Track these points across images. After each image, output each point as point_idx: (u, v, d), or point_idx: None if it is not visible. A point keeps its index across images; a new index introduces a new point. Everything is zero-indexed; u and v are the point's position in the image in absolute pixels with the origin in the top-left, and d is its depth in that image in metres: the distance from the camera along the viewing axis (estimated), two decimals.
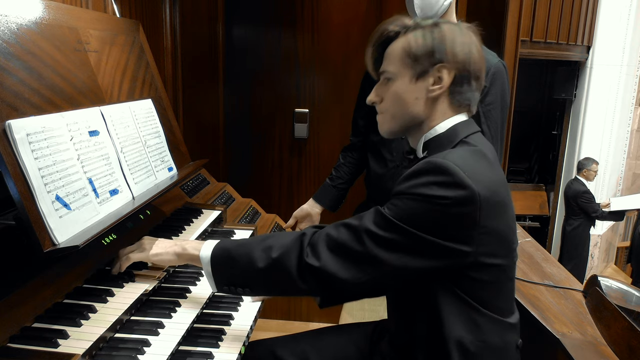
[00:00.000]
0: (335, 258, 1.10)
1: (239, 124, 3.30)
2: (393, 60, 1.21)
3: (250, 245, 1.19)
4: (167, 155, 1.81)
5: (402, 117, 1.22)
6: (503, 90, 1.90)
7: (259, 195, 2.70)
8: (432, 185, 1.05)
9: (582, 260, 5.95)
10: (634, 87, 6.77)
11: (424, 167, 1.08)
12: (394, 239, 1.07)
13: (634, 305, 1.76)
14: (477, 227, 1.05)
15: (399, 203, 1.08)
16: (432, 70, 1.17)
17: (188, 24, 2.58)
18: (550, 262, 2.27)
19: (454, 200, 1.03)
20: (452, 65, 1.16)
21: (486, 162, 1.14)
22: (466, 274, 1.10)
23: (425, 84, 1.18)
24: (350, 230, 1.11)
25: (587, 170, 5.82)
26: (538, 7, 4.92)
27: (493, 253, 1.10)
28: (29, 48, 1.25)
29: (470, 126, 1.22)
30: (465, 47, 1.17)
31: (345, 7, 3.10)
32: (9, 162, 1.07)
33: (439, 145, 1.19)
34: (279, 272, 1.14)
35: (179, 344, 1.17)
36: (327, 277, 1.10)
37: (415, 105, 1.20)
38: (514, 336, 1.21)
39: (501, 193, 1.11)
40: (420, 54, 1.17)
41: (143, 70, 1.85)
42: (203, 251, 1.22)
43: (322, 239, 1.12)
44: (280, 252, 1.14)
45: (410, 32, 1.19)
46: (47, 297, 1.14)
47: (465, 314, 1.12)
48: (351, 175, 2.21)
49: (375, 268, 1.09)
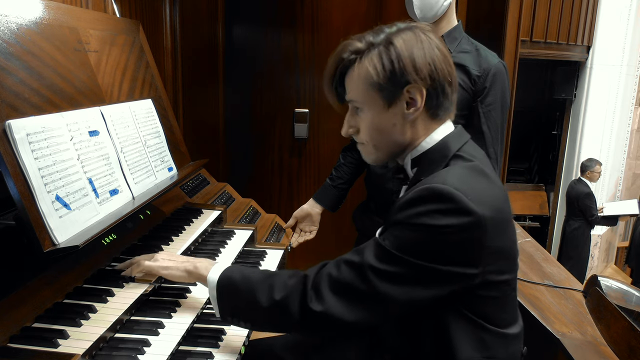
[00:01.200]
0: (340, 301, 1.05)
1: (239, 124, 3.30)
2: (357, 91, 1.14)
3: (254, 281, 1.14)
4: (167, 155, 1.81)
5: (386, 146, 1.17)
6: (503, 90, 1.90)
7: (259, 195, 2.70)
8: (434, 214, 0.99)
9: (582, 261, 5.95)
10: (634, 87, 6.76)
11: (423, 194, 1.02)
12: (398, 272, 1.02)
13: (634, 305, 1.76)
14: (484, 249, 1.02)
15: (400, 234, 1.03)
16: (402, 93, 1.10)
17: (188, 24, 2.58)
18: (550, 262, 2.27)
19: (459, 227, 0.99)
20: (419, 82, 1.09)
21: (485, 178, 1.10)
22: (474, 293, 1.07)
23: (399, 108, 1.12)
24: (352, 268, 1.05)
25: (590, 171, 5.81)
26: (538, 7, 4.92)
27: (500, 270, 1.07)
28: (29, 48, 1.25)
29: (461, 136, 1.18)
30: (427, 56, 1.09)
31: (345, 7, 3.10)
32: (9, 162, 1.08)
33: (430, 162, 1.14)
34: (281, 315, 1.10)
35: (179, 344, 1.17)
36: (332, 322, 1.05)
37: (395, 132, 1.14)
38: (518, 346, 1.20)
39: (504, 210, 1.08)
40: (383, 82, 1.10)
41: (143, 70, 1.85)
42: (211, 274, 1.18)
43: (324, 281, 1.07)
44: (283, 294, 1.09)
45: (365, 57, 1.11)
46: (47, 297, 1.14)
47: (473, 333, 1.09)
48: (351, 176, 2.21)
49: (382, 306, 1.05)
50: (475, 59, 1.89)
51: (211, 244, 1.72)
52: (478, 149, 1.20)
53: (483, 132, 1.88)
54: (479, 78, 1.86)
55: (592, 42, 6.03)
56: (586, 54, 6.11)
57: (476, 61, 1.88)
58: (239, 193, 2.37)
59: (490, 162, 1.88)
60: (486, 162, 1.18)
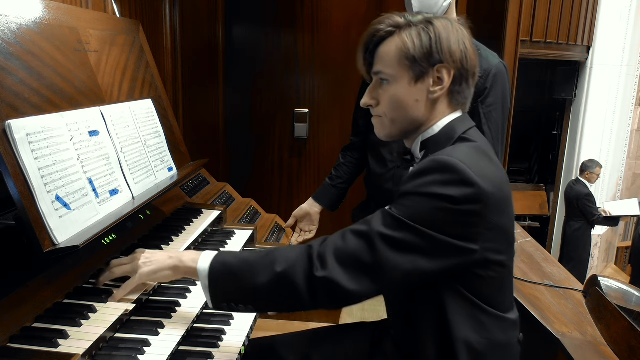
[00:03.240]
0: (346, 269, 1.05)
1: (239, 124, 3.30)
2: (389, 62, 1.17)
3: (252, 259, 1.14)
4: (167, 155, 1.81)
5: (403, 121, 1.20)
6: (504, 91, 1.89)
7: (259, 195, 2.70)
8: (440, 184, 1.04)
9: (582, 261, 5.94)
10: (634, 87, 6.76)
11: (430, 165, 1.07)
12: (406, 239, 1.04)
13: (634, 305, 1.76)
14: (484, 224, 1.05)
15: (408, 203, 1.06)
16: (431, 71, 1.15)
17: (188, 24, 2.58)
18: (550, 262, 2.27)
19: (463, 198, 1.02)
20: (450, 64, 1.14)
21: (488, 158, 1.14)
22: (472, 272, 1.10)
23: (426, 85, 1.16)
24: (359, 238, 1.07)
25: (590, 172, 5.81)
26: (538, 7, 4.92)
27: (498, 249, 1.10)
28: (29, 48, 1.25)
29: (466, 122, 1.22)
30: (461, 43, 1.15)
31: (345, 7, 3.10)
32: (9, 162, 1.07)
33: (437, 144, 1.18)
34: (284, 287, 1.08)
35: (178, 344, 1.17)
36: (338, 291, 1.05)
37: (416, 108, 1.18)
38: (515, 331, 1.22)
39: (505, 189, 1.11)
40: (418, 56, 1.14)
41: (143, 70, 1.85)
42: (201, 263, 1.15)
43: (330, 251, 1.07)
44: (286, 265, 1.08)
45: (403, 32, 1.15)
46: (47, 297, 1.14)
47: (470, 313, 1.12)
48: (351, 175, 2.21)
49: (388, 275, 1.06)
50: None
51: (211, 244, 1.72)
52: (481, 136, 1.24)
53: (484, 132, 1.88)
54: (479, 79, 1.85)
55: (592, 42, 6.03)
56: (586, 54, 6.11)
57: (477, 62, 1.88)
58: (239, 193, 2.37)
59: None
60: (489, 147, 1.21)
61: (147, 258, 1.24)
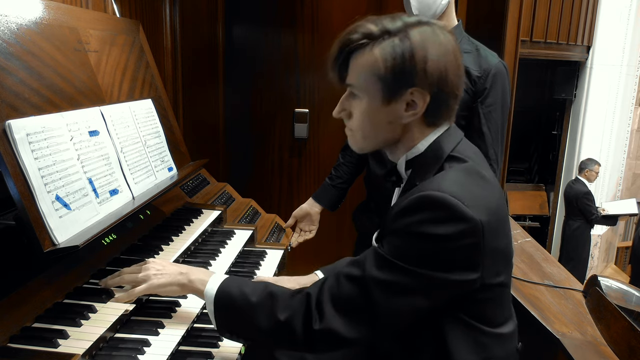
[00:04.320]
0: (343, 318, 1.03)
1: (239, 124, 3.30)
2: (360, 76, 1.08)
3: (254, 299, 1.10)
4: (167, 155, 1.81)
5: (375, 139, 1.14)
6: (504, 91, 1.89)
7: (259, 195, 2.70)
8: (431, 223, 0.98)
9: (582, 261, 5.95)
10: (634, 87, 6.76)
11: (419, 202, 1.00)
12: (401, 282, 1.00)
13: (634, 305, 1.76)
14: (482, 253, 1.02)
15: (399, 243, 1.02)
16: (404, 94, 1.06)
17: (188, 24, 2.58)
18: (550, 262, 2.27)
19: (457, 234, 0.98)
20: (425, 87, 1.04)
21: (481, 180, 1.08)
22: (472, 297, 1.07)
23: (398, 107, 1.07)
24: (353, 283, 1.04)
25: (588, 170, 5.82)
26: (538, 7, 4.92)
27: (496, 272, 1.07)
28: (29, 48, 1.25)
29: (454, 136, 1.14)
30: (441, 61, 1.04)
31: (345, 7, 3.10)
32: (9, 162, 1.07)
33: (424, 165, 1.12)
34: (285, 336, 1.08)
35: (179, 344, 1.17)
36: (336, 340, 1.04)
37: (388, 130, 1.11)
38: (513, 342, 1.20)
39: (500, 211, 1.07)
40: (388, 77, 1.04)
41: (143, 70, 1.85)
42: (208, 287, 1.15)
43: (327, 299, 1.05)
44: (287, 315, 1.06)
45: (376, 45, 1.05)
46: (47, 297, 1.14)
47: (470, 336, 1.09)
48: (351, 175, 2.21)
49: (385, 319, 1.04)
50: (475, 59, 1.88)
51: (211, 244, 1.72)
52: (472, 146, 1.18)
53: (483, 132, 1.88)
54: (479, 79, 1.86)
55: (592, 42, 6.03)
56: (586, 54, 6.11)
57: (476, 61, 1.88)
58: (239, 193, 2.37)
59: (491, 163, 1.89)
60: (480, 159, 1.16)
61: (158, 270, 1.23)
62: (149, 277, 1.21)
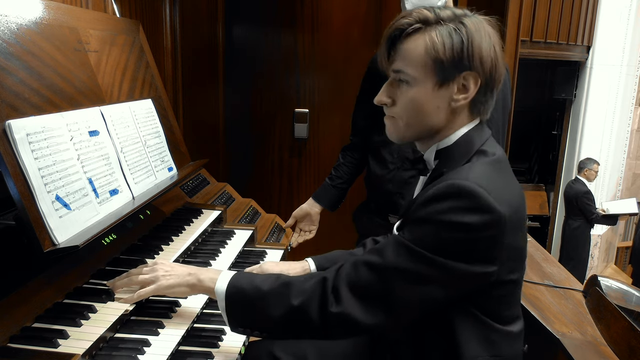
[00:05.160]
0: (360, 303, 1.03)
1: (239, 124, 3.30)
2: (413, 62, 1.07)
3: (265, 288, 1.10)
4: (167, 155, 1.81)
5: (419, 126, 1.12)
6: (504, 91, 1.90)
7: (259, 195, 2.70)
8: (457, 211, 0.98)
9: (582, 261, 5.95)
10: (634, 87, 6.76)
11: (447, 190, 1.00)
12: (422, 271, 1.00)
13: (634, 305, 1.76)
14: (502, 247, 1.02)
15: (423, 231, 1.01)
16: (458, 78, 1.06)
17: (188, 24, 2.58)
18: (550, 262, 2.27)
19: (482, 224, 0.98)
20: (480, 72, 1.06)
21: (506, 174, 1.09)
22: (486, 292, 1.07)
23: (449, 91, 1.07)
24: (373, 271, 1.03)
25: (588, 170, 5.83)
26: (538, 7, 4.91)
27: (511, 269, 1.08)
28: (29, 48, 1.25)
29: (484, 132, 1.15)
30: (492, 50, 1.07)
31: (345, 7, 3.10)
32: (9, 162, 1.07)
33: (452, 156, 1.11)
34: (299, 322, 1.07)
35: (178, 344, 1.17)
36: (353, 325, 1.04)
37: (435, 115, 1.10)
38: (520, 343, 1.20)
39: (521, 209, 1.08)
40: (446, 60, 1.04)
41: (143, 70, 1.85)
42: (219, 285, 1.14)
43: (343, 284, 1.04)
44: (301, 299, 1.06)
45: (432, 30, 1.05)
46: (47, 297, 1.14)
47: (480, 332, 1.09)
48: (351, 175, 2.21)
49: (403, 308, 1.04)
50: None
51: (211, 244, 1.72)
52: (498, 146, 1.18)
53: None
54: None
55: (592, 42, 6.03)
56: (586, 54, 6.11)
57: None
58: (239, 193, 2.37)
59: None
60: (505, 158, 1.16)
61: (166, 271, 1.22)
62: (157, 278, 1.21)
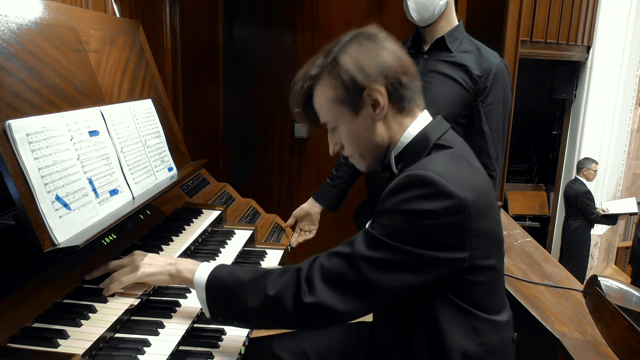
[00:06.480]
0: (333, 292, 1.07)
1: (239, 124, 3.30)
2: (327, 111, 1.20)
3: (245, 279, 1.14)
4: (167, 155, 1.81)
5: (370, 151, 1.21)
6: (505, 90, 1.89)
7: (259, 195, 2.70)
8: (417, 199, 1.03)
9: (582, 261, 5.95)
10: (634, 87, 6.76)
11: (405, 181, 1.06)
12: (388, 258, 1.05)
13: (634, 305, 1.76)
14: (468, 232, 1.05)
15: (387, 221, 1.06)
16: (364, 99, 1.14)
17: (188, 24, 2.58)
18: (550, 262, 2.27)
19: (442, 211, 1.02)
20: (375, 83, 1.13)
21: (467, 163, 1.13)
22: (462, 278, 1.09)
23: (367, 112, 1.16)
24: (343, 259, 1.08)
25: (587, 169, 5.83)
26: (538, 7, 4.91)
27: (486, 254, 1.10)
28: (29, 48, 1.25)
29: (440, 126, 1.20)
30: (373, 59, 1.13)
31: (345, 7, 3.10)
32: (9, 162, 1.07)
33: (412, 154, 1.17)
34: (275, 312, 1.11)
35: (178, 344, 1.17)
36: (326, 313, 1.07)
37: (372, 135, 1.18)
38: (509, 331, 1.22)
39: (487, 193, 1.11)
40: (343, 96, 1.15)
41: (143, 70, 1.85)
42: (197, 276, 1.18)
43: (317, 273, 1.09)
44: (277, 290, 1.10)
45: (320, 81, 1.18)
46: (47, 297, 1.14)
47: (463, 321, 1.11)
48: (351, 175, 2.21)
49: (374, 294, 1.07)
50: (476, 58, 1.89)
51: (211, 244, 1.72)
52: (459, 138, 1.23)
53: (484, 131, 1.88)
54: (480, 78, 1.86)
55: (592, 42, 6.03)
56: (586, 54, 6.11)
57: (477, 61, 1.88)
58: (239, 193, 2.37)
59: (491, 161, 1.89)
60: (467, 150, 1.21)
61: (147, 261, 1.27)
62: (137, 266, 1.25)
